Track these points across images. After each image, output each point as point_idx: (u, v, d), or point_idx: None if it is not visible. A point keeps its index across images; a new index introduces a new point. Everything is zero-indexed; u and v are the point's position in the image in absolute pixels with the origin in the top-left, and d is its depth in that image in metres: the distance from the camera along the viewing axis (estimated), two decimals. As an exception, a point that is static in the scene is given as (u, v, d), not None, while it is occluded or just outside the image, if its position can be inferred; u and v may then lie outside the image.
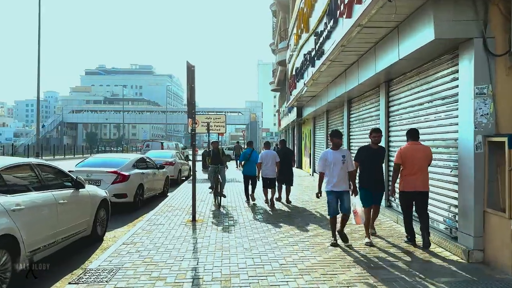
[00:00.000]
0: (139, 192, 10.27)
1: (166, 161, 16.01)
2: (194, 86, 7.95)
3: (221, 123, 21.01)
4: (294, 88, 16.14)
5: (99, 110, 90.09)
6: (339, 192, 5.97)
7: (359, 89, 9.63)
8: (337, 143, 6.10)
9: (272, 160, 10.01)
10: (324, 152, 6.26)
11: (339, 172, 5.94)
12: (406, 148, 5.75)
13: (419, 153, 5.63)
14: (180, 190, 13.34)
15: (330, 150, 6.16)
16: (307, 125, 21.32)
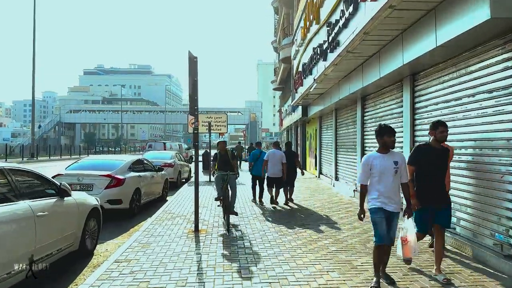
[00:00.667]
0: (136, 198, 9.38)
1: (165, 163, 15.13)
2: (197, 80, 7.06)
3: (222, 122, 20.15)
4: (301, 85, 15.25)
5: (97, 110, 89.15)
6: (389, 213, 4.33)
7: (378, 84, 8.75)
8: (390, 143, 4.30)
9: (279, 160, 10.04)
10: (367, 156, 4.44)
11: (391, 184, 4.28)
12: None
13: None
14: (180, 194, 12.45)
15: (377, 153, 4.38)
16: (312, 125, 20.44)
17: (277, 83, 31.88)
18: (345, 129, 12.95)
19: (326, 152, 16.26)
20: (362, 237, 6.55)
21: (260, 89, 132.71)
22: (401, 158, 4.41)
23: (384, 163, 4.29)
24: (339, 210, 9.17)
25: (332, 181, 14.52)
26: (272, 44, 33.26)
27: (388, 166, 4.28)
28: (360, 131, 10.87)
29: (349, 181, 12.33)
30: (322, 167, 17.40)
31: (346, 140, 12.78)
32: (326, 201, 10.73)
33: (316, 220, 8.06)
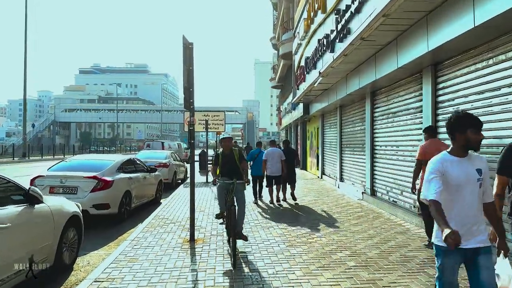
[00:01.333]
0: (126, 201, 8.53)
1: (159, 163, 14.27)
2: (192, 69, 6.22)
3: (219, 121, 19.33)
4: (303, 81, 14.44)
5: (92, 109, 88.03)
6: (472, 251, 2.68)
7: (393, 77, 7.94)
8: (475, 143, 2.70)
9: (278, 158, 9.91)
10: (436, 159, 2.80)
11: (473, 203, 2.71)
12: (427, 144, 5.46)
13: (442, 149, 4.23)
14: (175, 196, 11.60)
15: (450, 156, 2.78)
16: (313, 123, 19.63)
17: (276, 81, 31.03)
18: (352, 127, 12.14)
19: (330, 151, 15.45)
20: (382, 248, 5.73)
21: (257, 88, 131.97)
22: (484, 164, 2.77)
23: (464, 170, 2.69)
24: (349, 215, 8.35)
25: (336, 182, 13.71)
26: (271, 41, 32.38)
27: (469, 176, 2.69)
28: (369, 129, 10.06)
29: (356, 183, 11.52)
30: (324, 167, 16.59)
31: (353, 139, 11.97)
32: (333, 204, 9.91)
33: (326, 226, 7.23)
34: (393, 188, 8.67)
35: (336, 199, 10.82)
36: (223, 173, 6.13)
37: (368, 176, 10.10)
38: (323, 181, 15.92)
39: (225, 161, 6.13)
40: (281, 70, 26.15)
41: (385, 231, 6.86)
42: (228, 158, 6.12)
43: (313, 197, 11.17)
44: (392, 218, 7.94)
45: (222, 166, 6.16)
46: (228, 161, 6.12)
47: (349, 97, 11.13)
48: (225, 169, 6.12)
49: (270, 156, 9.92)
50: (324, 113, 16.32)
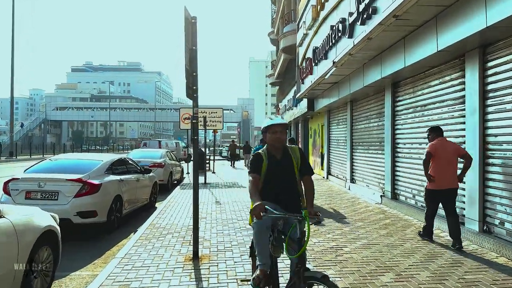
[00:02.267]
0: (116, 207, 7.39)
1: (154, 162, 13.13)
2: (196, 49, 5.09)
3: (217, 118, 18.28)
4: (310, 74, 13.36)
5: (84, 108, 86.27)
6: None
7: (425, 64, 6.88)
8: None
9: None
10: None
11: None
12: (436, 142, 5.62)
13: (449, 148, 5.53)
14: (172, 199, 10.46)
15: None
16: (317, 120, 18.57)
17: (275, 77, 29.89)
18: (366, 123, 11.08)
19: (337, 150, 14.39)
20: (431, 268, 4.65)
21: (252, 86, 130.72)
22: None
23: None
24: (373, 223, 7.29)
25: (346, 184, 12.66)
26: (269, 36, 31.25)
27: None
28: (389, 125, 9.01)
29: (371, 184, 10.47)
30: (331, 167, 15.53)
31: (367, 136, 10.92)
32: (349, 209, 8.85)
33: (352, 238, 6.16)
34: (421, 192, 7.62)
35: (351, 203, 9.76)
36: (267, 195, 3.13)
37: (388, 178, 9.05)
38: (330, 182, 14.86)
39: (273, 171, 3.22)
40: (281, 65, 25.03)
41: (424, 244, 5.80)
42: (281, 166, 3.24)
43: (324, 200, 10.11)
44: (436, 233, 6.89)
45: (266, 181, 3.21)
46: (279, 172, 3.23)
47: (365, 90, 10.08)
48: (273, 187, 3.21)
49: None
50: (330, 109, 15.26)
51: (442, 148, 5.47)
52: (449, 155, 5.45)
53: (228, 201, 10.09)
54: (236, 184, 14.19)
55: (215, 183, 14.58)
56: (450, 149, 5.49)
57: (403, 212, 8.16)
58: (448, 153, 5.46)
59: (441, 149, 5.47)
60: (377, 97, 10.14)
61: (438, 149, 5.47)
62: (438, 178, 5.49)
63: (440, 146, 5.50)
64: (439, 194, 5.57)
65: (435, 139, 5.65)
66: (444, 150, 5.46)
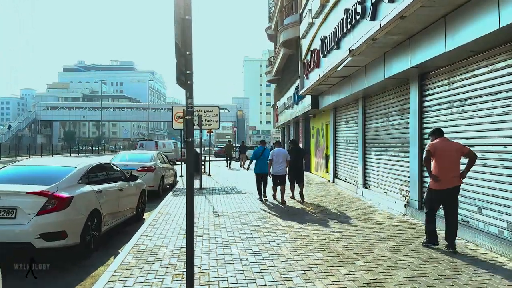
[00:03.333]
0: (92, 225, 6.03)
1: (143, 166, 11.77)
2: (190, 20, 3.74)
3: (213, 117, 16.96)
4: (316, 67, 12.06)
5: (75, 107, 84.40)
6: None
7: (474, 47, 5.60)
8: None
9: (283, 158, 9.98)
10: None
11: None
12: (437, 142, 5.49)
13: (450, 147, 5.43)
14: (162, 209, 9.10)
15: None
16: (320, 119, 17.28)
17: (273, 74, 28.52)
18: (383, 121, 9.80)
19: (346, 151, 13.10)
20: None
21: (246, 85, 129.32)
22: None
23: None
24: (405, 241, 6.00)
25: (358, 189, 11.38)
26: (266, 32, 29.90)
27: None
28: (416, 122, 7.73)
29: (391, 191, 9.19)
30: (338, 169, 14.25)
31: (385, 136, 9.64)
32: (370, 222, 7.55)
33: (391, 268, 4.86)
34: (462, 203, 6.36)
35: (369, 212, 8.47)
36: None
37: (415, 184, 7.77)
38: (337, 186, 13.57)
39: None
40: (280, 61, 23.68)
41: (483, 274, 4.52)
42: None
43: (334, 208, 8.81)
44: (473, 248, 5.61)
45: None
46: None
47: (384, 83, 8.80)
48: None
49: (276, 156, 9.95)
50: (337, 106, 13.98)
51: (442, 147, 5.41)
52: (452, 154, 5.37)
53: (227, 211, 8.76)
54: (234, 190, 12.85)
55: (212, 188, 13.24)
56: (452, 148, 5.42)
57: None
58: (450, 151, 5.38)
59: (442, 148, 5.40)
60: (398, 92, 8.86)
61: (438, 148, 5.40)
62: (441, 178, 5.35)
63: (440, 145, 5.43)
64: (443, 194, 5.43)
65: (436, 140, 5.58)
66: (445, 149, 5.39)
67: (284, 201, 9.89)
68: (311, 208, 9.12)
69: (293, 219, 7.85)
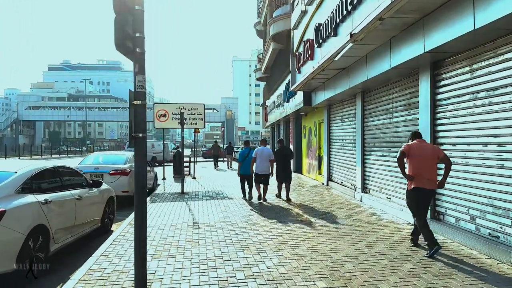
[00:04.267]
0: (36, 245, 4.78)
1: (116, 169, 10.51)
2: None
3: (198, 115, 15.71)
4: (310, 59, 10.94)
5: (59, 107, 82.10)
6: None
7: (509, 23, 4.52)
8: None
9: (267, 157, 9.93)
10: None
11: None
12: (413, 143, 5.46)
13: (426, 149, 5.38)
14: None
15: None
16: (313, 117, 16.20)
17: (262, 72, 27.33)
18: (386, 118, 8.72)
19: (342, 151, 12.02)
20: None
21: (235, 86, 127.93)
22: None
23: None
24: (429, 264, 4.89)
25: (356, 194, 10.29)
26: (255, 27, 28.71)
27: None
28: (429, 118, 6.65)
29: (396, 197, 8.11)
30: (332, 171, 13.16)
31: (388, 134, 8.56)
32: (377, 235, 6.44)
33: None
34: (487, 213, 5.30)
35: (373, 222, 7.37)
36: None
37: (427, 190, 6.67)
38: (332, 189, 12.47)
39: None
40: (270, 57, 22.54)
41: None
42: None
43: (332, 217, 7.68)
44: (503, 267, 4.53)
45: None
46: None
47: (389, 74, 7.72)
48: None
49: (260, 155, 9.90)
50: (332, 103, 12.89)
51: (418, 148, 5.37)
52: (427, 155, 5.32)
53: (209, 221, 7.57)
54: (220, 194, 11.65)
55: (195, 193, 12.01)
56: (428, 150, 5.39)
57: (454, 240, 5.82)
58: (426, 152, 5.34)
59: (417, 149, 5.36)
60: (404, 84, 7.78)
61: (413, 148, 5.36)
62: (416, 177, 5.32)
63: (416, 146, 5.40)
64: (422, 192, 5.34)
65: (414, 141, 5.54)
66: (420, 150, 5.36)
67: (265, 199, 9.96)
68: (305, 216, 7.98)
69: (286, 231, 6.70)
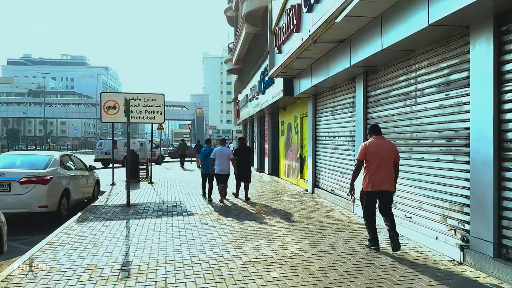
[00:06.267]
0: None
1: (29, 176, 7.57)
2: None
3: (156, 107, 12.96)
4: (296, 31, 8.41)
5: (14, 103, 76.32)
6: None
7: None
8: None
9: (227, 156, 9.83)
10: None
11: None
12: (370, 143, 5.22)
13: (384, 148, 5.14)
14: (43, 252, 5.05)
15: None
16: (293, 111, 13.76)
17: (233, 63, 24.65)
18: (403, 105, 6.30)
19: (333, 151, 9.57)
20: None
21: (206, 84, 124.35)
22: None
23: None
24: None
25: (356, 207, 7.85)
26: (225, 14, 25.94)
27: None
28: (491, 101, 4.26)
29: (422, 216, 5.68)
30: (319, 176, 10.72)
31: (409, 128, 6.14)
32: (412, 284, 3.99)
33: None
34: None
35: (396, 258, 4.92)
36: None
37: (485, 210, 4.31)
38: (320, 199, 10.01)
39: None
40: (242, 44, 19.88)
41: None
42: None
43: (331, 248, 5.19)
44: None
45: None
46: None
47: (416, 39, 5.28)
48: None
49: (219, 155, 9.74)
50: (319, 92, 10.45)
51: (377, 148, 5.13)
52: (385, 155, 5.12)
53: (151, 262, 4.87)
54: (178, 207, 8.94)
55: (146, 205, 9.24)
56: (386, 148, 5.16)
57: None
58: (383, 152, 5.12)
59: (376, 149, 5.12)
60: (442, 51, 5.34)
61: (371, 147, 5.15)
62: (374, 179, 5.08)
63: (373, 144, 5.18)
64: (375, 196, 5.15)
65: (371, 138, 5.33)
66: (377, 150, 5.11)
67: (222, 200, 9.65)
68: (296, 247, 5.44)
69: (269, 277, 4.13)
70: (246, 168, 10.04)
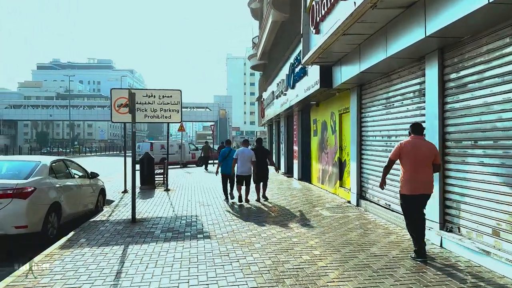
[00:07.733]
0: None
1: (4, 188, 5.98)
2: None
3: (173, 105, 11.33)
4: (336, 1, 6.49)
5: (42, 106, 77.29)
6: None
7: None
8: None
9: (248, 158, 9.67)
10: None
11: None
12: (406, 142, 4.97)
13: (421, 149, 4.85)
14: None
15: None
16: (328, 107, 11.81)
17: (258, 58, 22.85)
18: (510, 89, 4.30)
19: (385, 154, 7.55)
20: None
21: (229, 85, 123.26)
22: None
23: None
24: None
25: (429, 232, 5.83)
26: (249, 6, 24.16)
27: None
28: None
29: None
30: (365, 185, 8.74)
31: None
32: None
33: None
34: None
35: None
36: None
37: None
38: (370, 215, 8.02)
39: None
40: (268, 36, 18.02)
41: None
42: None
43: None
44: None
45: None
46: None
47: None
48: None
49: (241, 156, 9.61)
50: (366, 80, 8.49)
51: (413, 149, 4.86)
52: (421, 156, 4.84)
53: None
54: (193, 224, 7.16)
55: (155, 220, 7.53)
56: (424, 149, 4.87)
57: None
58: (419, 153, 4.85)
59: (412, 150, 4.86)
60: None
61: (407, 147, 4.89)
62: (411, 182, 4.84)
63: (409, 144, 4.91)
64: (414, 199, 4.89)
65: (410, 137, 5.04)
66: (413, 150, 4.86)
67: (248, 200, 9.68)
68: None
69: None
70: (262, 168, 10.08)
